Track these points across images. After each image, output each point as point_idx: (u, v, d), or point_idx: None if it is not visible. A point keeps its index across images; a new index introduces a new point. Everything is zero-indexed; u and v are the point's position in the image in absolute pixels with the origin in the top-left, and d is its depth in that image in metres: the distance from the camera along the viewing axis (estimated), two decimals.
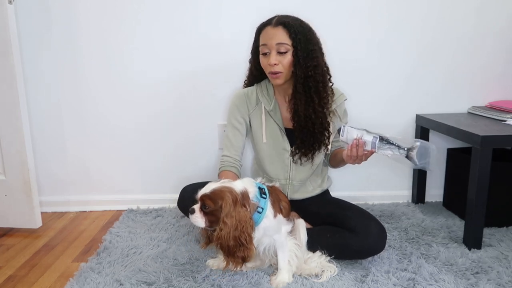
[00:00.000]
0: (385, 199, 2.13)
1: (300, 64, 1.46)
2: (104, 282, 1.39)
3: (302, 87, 1.49)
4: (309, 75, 1.47)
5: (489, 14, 1.98)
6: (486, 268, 1.47)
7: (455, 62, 2.02)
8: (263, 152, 1.63)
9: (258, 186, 1.34)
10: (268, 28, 1.48)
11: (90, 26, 1.92)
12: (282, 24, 1.45)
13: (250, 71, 1.66)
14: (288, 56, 1.47)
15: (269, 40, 1.47)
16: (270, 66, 1.48)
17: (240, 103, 1.62)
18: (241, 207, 1.24)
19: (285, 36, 1.45)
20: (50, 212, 2.07)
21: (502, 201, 1.78)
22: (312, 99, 1.49)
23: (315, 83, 1.48)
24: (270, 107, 1.59)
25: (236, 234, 1.22)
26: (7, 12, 1.63)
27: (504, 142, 1.57)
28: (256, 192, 1.31)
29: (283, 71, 1.48)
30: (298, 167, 1.61)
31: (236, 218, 1.22)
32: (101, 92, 1.99)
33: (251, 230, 1.25)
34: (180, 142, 2.06)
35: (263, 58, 1.51)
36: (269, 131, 1.61)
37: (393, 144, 1.34)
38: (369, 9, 1.95)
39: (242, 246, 1.23)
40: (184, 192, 1.63)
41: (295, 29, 1.45)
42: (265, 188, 1.36)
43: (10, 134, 1.74)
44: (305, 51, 1.45)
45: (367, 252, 1.46)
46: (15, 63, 1.68)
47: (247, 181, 1.35)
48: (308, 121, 1.50)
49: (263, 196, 1.32)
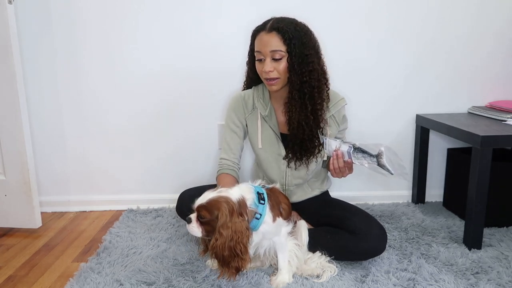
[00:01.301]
0: (385, 199, 2.13)
1: (295, 70, 1.42)
2: (104, 282, 1.39)
3: (297, 93, 1.45)
4: (304, 80, 1.43)
5: (489, 14, 1.98)
6: (486, 268, 1.47)
7: (455, 62, 2.02)
8: (260, 156, 1.63)
9: (256, 191, 1.33)
10: (262, 34, 1.44)
11: (90, 27, 1.92)
12: (276, 30, 1.41)
13: (247, 73, 1.64)
14: (283, 62, 1.43)
15: (263, 47, 1.44)
16: (265, 73, 1.46)
17: (237, 106, 1.61)
18: (237, 216, 1.23)
19: (279, 42, 1.41)
20: (50, 212, 2.07)
21: (502, 201, 1.78)
22: (306, 106, 1.46)
23: (310, 89, 1.45)
24: (266, 112, 1.57)
25: (232, 245, 1.21)
26: (7, 12, 1.63)
27: (504, 142, 1.57)
28: (254, 199, 1.30)
29: (279, 77, 1.46)
30: (293, 172, 1.60)
31: (232, 229, 1.21)
32: (101, 92, 1.99)
33: (247, 241, 1.24)
34: (180, 142, 2.06)
35: (258, 64, 1.49)
36: (264, 136, 1.60)
37: (365, 153, 1.35)
38: (369, 9, 1.94)
39: (237, 257, 1.22)
40: (182, 197, 1.63)
41: (289, 34, 1.40)
42: (264, 193, 1.35)
43: (10, 134, 1.74)
44: (300, 56, 1.42)
45: (367, 253, 1.46)
46: (15, 63, 1.68)
47: (244, 187, 1.33)
48: (300, 128, 1.48)
49: (261, 202, 1.31)
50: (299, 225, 1.46)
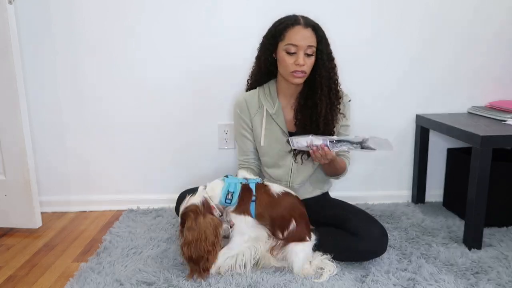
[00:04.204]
0: (385, 199, 2.13)
1: (326, 66, 1.51)
2: (104, 282, 1.39)
3: (326, 89, 1.52)
4: (330, 76, 1.52)
5: (489, 13, 1.98)
6: (486, 268, 1.47)
7: (455, 62, 2.02)
8: (264, 155, 1.64)
9: (227, 189, 1.40)
10: (299, 28, 1.47)
11: (90, 27, 1.92)
12: (311, 27, 1.48)
13: (258, 67, 1.62)
14: (312, 58, 1.50)
15: (301, 40, 1.46)
16: (296, 66, 1.48)
17: (241, 111, 1.64)
18: (203, 217, 1.35)
19: (314, 38, 1.48)
20: (50, 212, 2.06)
21: (502, 201, 1.78)
22: (331, 101, 1.54)
23: (335, 85, 1.54)
24: (273, 110, 1.58)
25: (198, 246, 1.32)
26: (7, 12, 1.63)
27: (504, 142, 1.57)
28: (220, 197, 1.40)
29: (307, 71, 1.51)
30: (299, 169, 1.60)
31: (197, 230, 1.33)
32: (101, 92, 1.99)
33: (215, 238, 1.34)
34: (180, 142, 2.06)
35: (288, 57, 1.49)
36: (270, 134, 1.60)
37: (344, 142, 1.40)
38: (368, 8, 1.94)
39: (203, 258, 1.34)
40: (181, 198, 1.63)
41: (320, 32, 1.49)
42: (235, 191, 1.40)
43: (10, 134, 1.74)
44: (326, 53, 1.51)
45: (368, 254, 1.46)
46: (15, 63, 1.67)
47: (213, 185, 1.44)
48: (326, 122, 1.53)
49: (227, 201, 1.40)
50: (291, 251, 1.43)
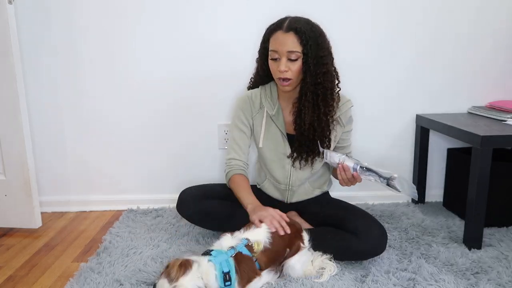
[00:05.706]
0: (385, 199, 2.13)
1: (310, 71, 1.43)
2: (104, 282, 1.38)
3: (311, 95, 1.46)
4: (318, 82, 1.44)
5: (489, 14, 1.98)
6: (486, 268, 1.47)
7: (455, 62, 2.02)
8: (263, 156, 1.63)
9: (221, 271, 1.20)
10: (279, 34, 1.43)
11: (90, 27, 1.92)
12: (294, 30, 1.40)
13: (256, 71, 1.62)
14: (298, 63, 1.43)
15: (279, 46, 1.42)
16: (279, 72, 1.45)
17: (245, 106, 1.61)
18: None
19: (296, 43, 1.40)
20: (50, 212, 2.06)
21: (502, 201, 1.78)
22: (319, 107, 1.47)
23: (324, 90, 1.46)
24: (273, 111, 1.57)
25: None
26: (7, 12, 1.63)
27: (504, 142, 1.57)
28: (218, 284, 1.19)
29: (293, 77, 1.45)
30: (298, 172, 1.60)
31: None
32: (101, 92, 1.99)
33: None
34: (180, 142, 2.06)
35: (273, 63, 1.47)
36: (269, 136, 1.59)
37: (373, 172, 1.37)
38: (369, 9, 1.94)
39: None
40: (183, 195, 1.64)
41: (306, 35, 1.40)
42: (230, 270, 1.22)
43: (10, 134, 1.74)
44: (315, 58, 1.42)
45: (367, 254, 1.46)
46: (15, 63, 1.68)
47: (204, 269, 1.19)
48: (311, 128, 1.49)
49: (226, 284, 1.20)
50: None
